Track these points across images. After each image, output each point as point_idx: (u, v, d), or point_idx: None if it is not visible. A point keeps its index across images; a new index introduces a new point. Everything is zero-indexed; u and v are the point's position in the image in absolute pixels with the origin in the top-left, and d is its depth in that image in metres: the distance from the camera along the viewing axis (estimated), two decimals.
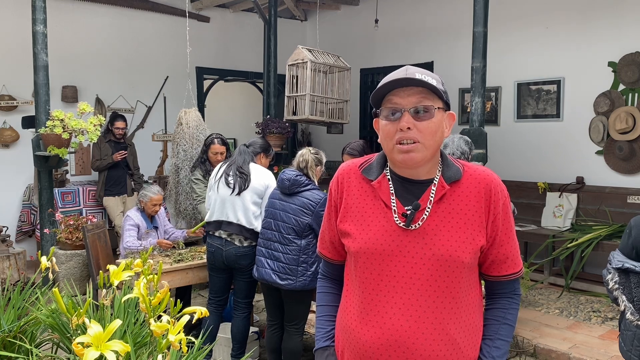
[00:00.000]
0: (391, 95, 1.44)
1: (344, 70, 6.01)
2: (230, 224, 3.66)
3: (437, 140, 1.45)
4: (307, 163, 3.47)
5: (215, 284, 3.83)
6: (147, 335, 1.53)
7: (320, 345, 1.66)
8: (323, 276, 1.75)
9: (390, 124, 1.44)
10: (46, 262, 1.66)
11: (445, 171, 1.50)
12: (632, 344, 2.43)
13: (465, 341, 1.48)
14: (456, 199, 1.47)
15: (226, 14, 7.96)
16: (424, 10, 7.22)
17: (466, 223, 1.46)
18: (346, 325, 1.56)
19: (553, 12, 6.00)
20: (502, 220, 1.49)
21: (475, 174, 1.50)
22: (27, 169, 5.95)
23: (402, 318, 1.44)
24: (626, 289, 2.45)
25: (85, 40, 6.68)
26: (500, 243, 1.50)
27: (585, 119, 5.78)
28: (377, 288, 1.47)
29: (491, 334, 1.54)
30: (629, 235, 2.50)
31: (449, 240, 1.44)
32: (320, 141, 8.75)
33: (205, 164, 4.76)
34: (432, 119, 1.42)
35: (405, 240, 1.45)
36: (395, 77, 1.43)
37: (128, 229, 4.43)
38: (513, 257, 1.53)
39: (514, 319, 1.57)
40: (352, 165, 1.61)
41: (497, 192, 1.49)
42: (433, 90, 1.42)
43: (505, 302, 1.57)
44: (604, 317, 4.67)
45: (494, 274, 1.54)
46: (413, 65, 1.48)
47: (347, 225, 1.55)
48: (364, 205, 1.53)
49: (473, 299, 1.51)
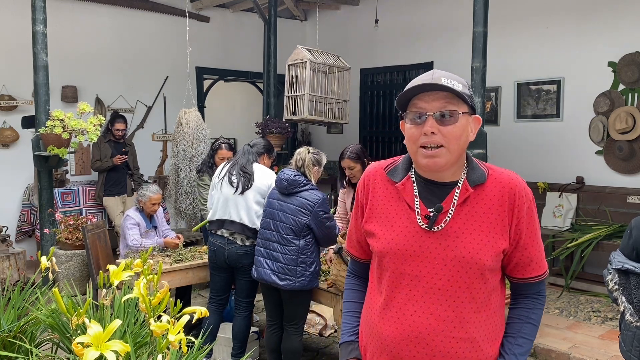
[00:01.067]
0: (416, 100, 1.46)
1: (344, 70, 6.01)
2: (232, 222, 3.67)
3: (462, 145, 1.47)
4: (303, 162, 3.47)
5: (216, 283, 3.83)
6: (147, 335, 1.53)
7: (344, 340, 1.71)
8: (350, 274, 1.80)
9: (415, 127, 1.45)
10: (46, 262, 1.66)
11: (470, 174, 1.51)
12: (632, 345, 2.43)
13: (485, 340, 1.50)
14: (480, 202, 1.49)
15: (226, 14, 7.96)
16: (424, 10, 7.21)
17: (489, 226, 1.48)
18: (369, 320, 1.60)
19: (553, 12, 6.00)
20: (526, 223, 1.50)
21: (500, 178, 1.51)
22: (27, 169, 5.95)
23: (423, 315, 1.48)
24: (626, 290, 2.45)
25: (85, 40, 6.68)
26: (524, 246, 1.52)
27: (585, 119, 5.78)
28: (399, 287, 1.51)
29: (514, 332, 1.56)
30: (629, 236, 2.50)
31: (471, 243, 1.46)
32: (320, 141, 8.75)
33: (212, 168, 4.72)
34: (457, 124, 1.43)
35: (428, 241, 1.48)
36: (421, 81, 1.45)
37: (130, 228, 4.43)
38: (537, 260, 1.55)
39: (537, 319, 1.59)
40: (378, 167, 1.64)
41: (522, 196, 1.50)
42: (458, 95, 1.43)
43: (529, 302, 1.59)
44: (604, 317, 4.67)
45: (518, 276, 1.56)
46: (413, 65, 1.49)
47: (372, 225, 1.59)
48: (389, 206, 1.56)
49: (495, 301, 1.54)
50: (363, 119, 8.28)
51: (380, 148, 8.21)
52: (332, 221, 3.43)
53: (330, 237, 3.42)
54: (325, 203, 3.42)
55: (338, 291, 3.41)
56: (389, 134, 8.06)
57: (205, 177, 4.77)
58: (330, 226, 3.40)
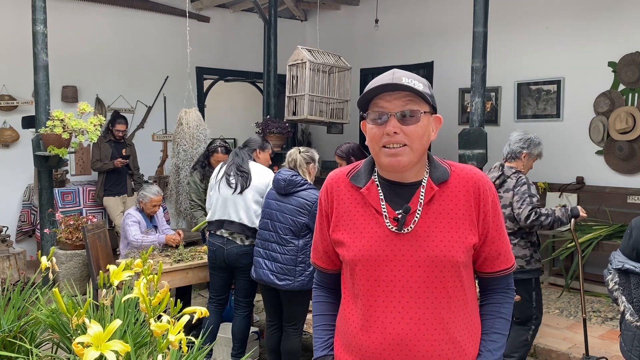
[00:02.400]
0: (378, 99, 1.44)
1: (344, 70, 6.01)
2: (232, 222, 3.67)
3: (424, 144, 1.46)
4: (295, 162, 3.47)
5: (215, 283, 3.83)
6: (147, 335, 1.53)
7: (318, 355, 1.66)
8: (318, 286, 1.74)
9: (376, 127, 1.44)
10: (46, 262, 1.66)
11: (432, 172, 1.51)
12: (632, 344, 2.43)
13: (466, 339, 1.50)
14: (445, 199, 1.48)
15: (226, 14, 7.96)
16: (424, 10, 7.21)
17: (457, 222, 1.47)
18: (346, 332, 1.56)
19: (553, 12, 6.00)
20: (492, 217, 1.51)
21: (462, 173, 1.51)
22: (27, 169, 5.95)
23: (402, 321, 1.45)
24: (626, 290, 2.45)
25: (85, 40, 6.67)
26: (492, 240, 1.52)
27: (585, 119, 5.78)
28: (375, 294, 1.48)
29: (487, 329, 1.56)
30: (629, 236, 2.50)
31: (442, 241, 1.45)
32: (320, 141, 8.75)
33: (205, 168, 4.77)
34: (419, 123, 1.42)
35: (399, 244, 1.46)
36: (382, 81, 1.43)
37: (131, 225, 4.42)
38: (505, 253, 1.55)
39: (509, 313, 1.58)
40: (340, 174, 1.61)
41: (486, 189, 1.50)
42: (419, 95, 1.42)
43: (499, 297, 1.59)
44: (604, 317, 4.67)
45: (487, 270, 1.56)
46: (413, 65, 1.49)
47: (340, 234, 1.55)
48: (355, 213, 1.53)
49: (471, 298, 1.53)
50: None
51: None
52: None
53: None
54: None
55: None
56: None
57: (195, 175, 4.82)
58: None
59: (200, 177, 4.77)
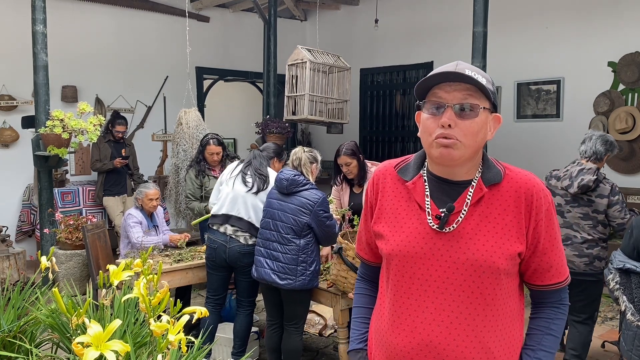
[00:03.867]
0: (437, 89, 1.37)
1: (344, 70, 6.01)
2: (240, 219, 3.66)
3: (479, 142, 1.39)
4: (300, 161, 3.49)
5: (213, 282, 3.82)
6: (147, 335, 1.53)
7: (353, 347, 1.65)
8: (360, 278, 1.72)
9: (431, 118, 1.37)
10: (46, 262, 1.66)
11: (485, 173, 1.43)
12: (632, 344, 2.43)
13: (500, 351, 1.42)
14: (494, 202, 1.41)
15: (226, 14, 7.96)
16: (424, 10, 7.22)
17: (503, 228, 1.39)
18: (379, 328, 1.53)
19: (553, 12, 6.00)
20: (545, 227, 1.42)
21: (516, 178, 1.43)
22: (26, 169, 5.95)
23: (434, 323, 1.40)
24: (627, 290, 2.45)
25: (85, 40, 6.67)
26: (543, 251, 1.43)
27: (585, 119, 5.78)
28: (408, 292, 1.44)
29: (533, 344, 1.47)
30: (630, 236, 2.50)
31: (484, 245, 1.38)
32: (320, 141, 8.75)
33: (200, 164, 4.83)
34: (476, 119, 1.35)
35: (439, 243, 1.40)
36: (444, 70, 1.36)
37: (133, 226, 4.42)
38: (557, 266, 1.46)
39: (559, 330, 1.49)
40: (388, 166, 1.56)
41: (540, 197, 1.41)
42: (481, 89, 1.36)
43: (550, 311, 1.49)
44: (604, 317, 4.66)
45: (537, 283, 1.47)
46: (413, 65, 1.47)
47: (381, 226, 1.51)
48: (398, 206, 1.48)
49: (511, 308, 1.45)
50: (363, 119, 8.29)
51: (380, 148, 8.21)
52: (332, 220, 3.44)
53: (331, 236, 3.43)
54: (326, 202, 3.43)
55: (338, 291, 3.40)
56: (388, 134, 8.07)
57: (191, 171, 4.88)
58: (331, 225, 3.40)
59: (195, 173, 4.83)
